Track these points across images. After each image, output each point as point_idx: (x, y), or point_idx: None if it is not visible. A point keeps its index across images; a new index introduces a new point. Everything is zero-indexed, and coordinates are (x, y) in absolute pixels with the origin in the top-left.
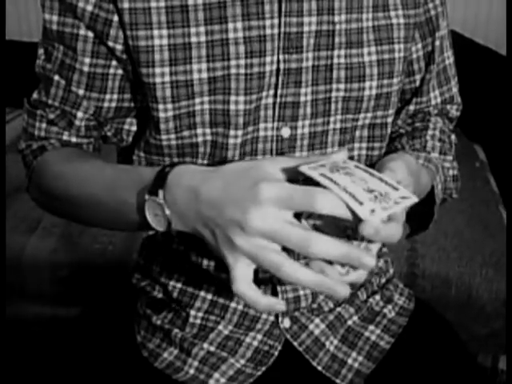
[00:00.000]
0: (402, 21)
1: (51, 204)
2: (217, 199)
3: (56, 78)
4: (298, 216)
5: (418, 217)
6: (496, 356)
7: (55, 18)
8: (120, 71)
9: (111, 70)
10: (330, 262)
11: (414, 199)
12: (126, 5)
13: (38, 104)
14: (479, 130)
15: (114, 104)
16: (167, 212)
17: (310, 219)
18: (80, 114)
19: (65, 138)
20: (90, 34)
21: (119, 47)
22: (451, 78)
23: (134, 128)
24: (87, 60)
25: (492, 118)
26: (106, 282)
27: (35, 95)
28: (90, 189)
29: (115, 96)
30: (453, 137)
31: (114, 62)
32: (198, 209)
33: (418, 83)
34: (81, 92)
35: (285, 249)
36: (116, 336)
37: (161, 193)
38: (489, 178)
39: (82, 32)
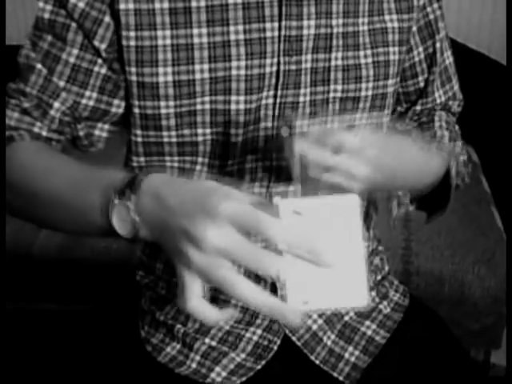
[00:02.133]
0: (396, 25)
1: (13, 202)
2: (184, 212)
3: (38, 66)
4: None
5: (435, 200)
6: (488, 350)
7: (49, 7)
8: (103, 71)
9: (96, 68)
10: None
11: (362, 304)
12: (130, 6)
13: (14, 92)
14: (472, 133)
15: (91, 103)
16: (136, 218)
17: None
18: (57, 105)
19: (36, 129)
20: (80, 29)
21: (104, 47)
22: (452, 76)
23: (105, 134)
24: (75, 51)
25: (484, 121)
26: (111, 279)
27: (12, 84)
28: (53, 184)
29: (94, 95)
30: (457, 127)
31: (99, 61)
32: (163, 216)
33: (421, 84)
34: (61, 83)
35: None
36: (121, 331)
37: (133, 198)
38: (481, 179)
39: (73, 24)
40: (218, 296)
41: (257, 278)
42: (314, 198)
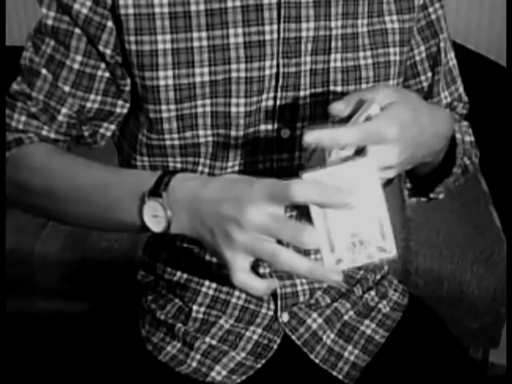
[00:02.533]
0: (396, 25)
1: (27, 199)
2: (216, 198)
3: (43, 71)
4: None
5: (441, 168)
6: (486, 349)
7: (52, 13)
8: (107, 74)
9: (99, 72)
10: None
11: (390, 255)
12: (130, 11)
13: (19, 95)
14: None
15: (96, 105)
16: (169, 213)
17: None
18: (64, 110)
19: (44, 133)
20: (84, 35)
21: (109, 52)
22: (456, 78)
23: (109, 133)
24: (79, 58)
25: (483, 122)
26: (112, 279)
27: (16, 86)
28: (76, 184)
29: (99, 98)
30: (464, 124)
31: (102, 65)
32: (198, 209)
33: (424, 84)
34: (67, 88)
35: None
36: (122, 330)
37: (164, 195)
38: (479, 179)
39: (77, 30)
40: (218, 296)
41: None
42: (333, 167)
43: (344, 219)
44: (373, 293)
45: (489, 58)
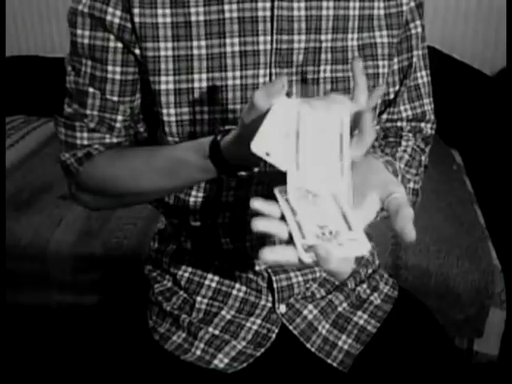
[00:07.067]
0: (385, 40)
1: (106, 196)
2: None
3: (90, 90)
4: None
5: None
6: (471, 339)
7: (87, 32)
8: (144, 76)
9: (136, 76)
10: None
11: (363, 250)
12: (136, 20)
13: (75, 116)
14: (456, 136)
15: (138, 101)
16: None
17: None
18: (120, 118)
19: (107, 141)
20: (119, 45)
21: (138, 52)
22: (424, 95)
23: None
24: (118, 69)
25: (468, 125)
26: (121, 273)
27: (69, 109)
28: (154, 163)
29: (138, 95)
30: (423, 157)
31: (137, 68)
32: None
33: (391, 96)
34: (115, 99)
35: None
36: (130, 321)
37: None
38: (465, 180)
39: (111, 44)
40: (220, 288)
41: (253, 273)
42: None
43: (312, 213)
44: (365, 286)
45: (473, 67)
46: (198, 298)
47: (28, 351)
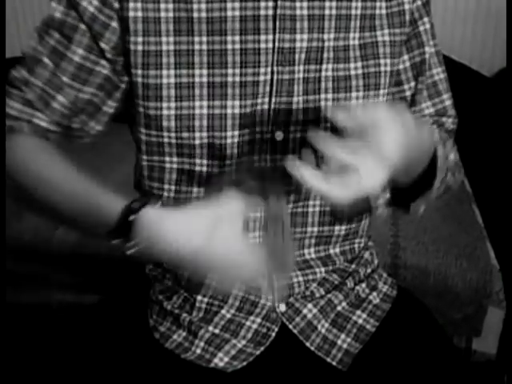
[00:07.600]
0: (387, 38)
1: (16, 181)
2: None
3: (45, 60)
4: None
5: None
6: (469, 338)
7: (61, 7)
8: (105, 71)
9: (97, 68)
10: None
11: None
12: (139, 14)
13: (17, 81)
14: (455, 138)
15: (87, 96)
16: (134, 249)
17: None
18: (60, 98)
19: (35, 120)
20: (87, 31)
21: (109, 50)
22: (443, 91)
23: (93, 132)
24: (80, 51)
25: (466, 126)
26: (122, 273)
27: (15, 73)
28: (57, 195)
29: (91, 90)
30: (449, 143)
31: (102, 61)
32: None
33: (407, 93)
34: (65, 79)
35: None
36: (131, 320)
37: (130, 242)
38: (463, 180)
39: (81, 26)
40: (219, 288)
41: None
42: None
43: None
44: (364, 285)
45: (471, 68)
46: (199, 297)
47: (28, 350)
